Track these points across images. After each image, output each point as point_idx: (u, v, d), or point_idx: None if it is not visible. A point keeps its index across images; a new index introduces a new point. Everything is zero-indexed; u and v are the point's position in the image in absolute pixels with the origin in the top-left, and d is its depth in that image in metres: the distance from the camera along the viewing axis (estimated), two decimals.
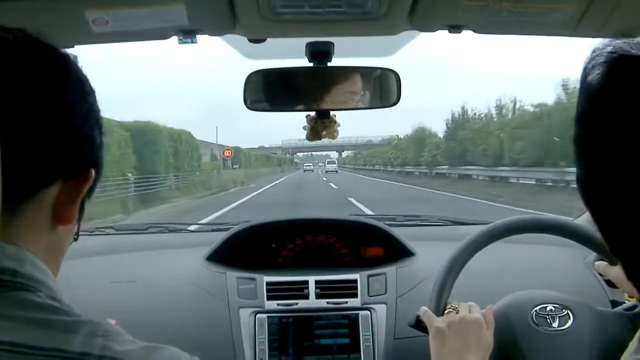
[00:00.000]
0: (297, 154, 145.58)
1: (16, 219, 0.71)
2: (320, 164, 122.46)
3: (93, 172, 0.80)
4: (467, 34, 1.50)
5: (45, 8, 1.28)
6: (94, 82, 0.82)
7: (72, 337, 0.68)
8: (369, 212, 10.69)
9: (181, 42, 1.51)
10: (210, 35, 1.50)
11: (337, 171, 77.05)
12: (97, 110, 0.82)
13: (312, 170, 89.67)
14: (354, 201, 19.85)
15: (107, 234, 2.64)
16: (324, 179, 46.86)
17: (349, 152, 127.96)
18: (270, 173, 65.82)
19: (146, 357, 0.70)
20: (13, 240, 0.72)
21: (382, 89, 1.76)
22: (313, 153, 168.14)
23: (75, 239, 0.86)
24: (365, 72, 1.76)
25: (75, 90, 0.78)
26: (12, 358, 0.65)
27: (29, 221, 0.73)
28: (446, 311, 1.56)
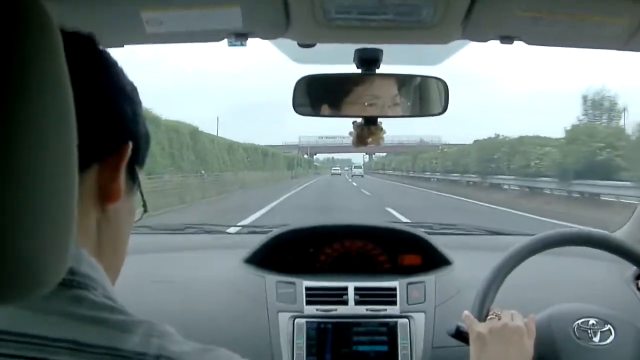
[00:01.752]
0: (316, 155, 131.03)
1: None
2: (347, 168, 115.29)
3: (130, 144, 0.78)
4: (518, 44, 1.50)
5: (101, 7, 1.30)
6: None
7: (129, 337, 0.68)
8: None
9: (231, 44, 1.52)
10: (262, 38, 1.51)
11: (362, 175, 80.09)
12: (125, 84, 0.81)
13: (340, 174, 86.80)
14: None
15: (144, 233, 2.65)
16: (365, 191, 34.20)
17: (380, 154, 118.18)
18: (261, 184, 42.41)
19: (199, 358, 0.71)
20: None
21: (430, 97, 1.76)
22: (334, 156, 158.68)
23: (145, 211, 0.87)
24: (414, 80, 1.76)
25: (98, 67, 0.78)
26: (71, 355, 0.65)
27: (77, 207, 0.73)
28: (488, 317, 1.56)
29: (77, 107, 0.63)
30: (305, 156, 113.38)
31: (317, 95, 1.75)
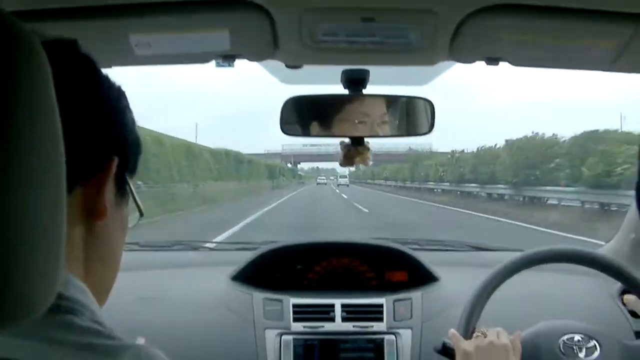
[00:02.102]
0: (300, 164, 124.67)
1: None
2: (332, 178, 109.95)
3: (116, 160, 0.76)
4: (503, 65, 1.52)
5: (90, 29, 1.30)
6: None
7: None
8: None
9: (219, 65, 1.53)
10: (250, 60, 1.52)
11: (348, 185, 79.33)
12: (109, 94, 0.79)
13: (325, 184, 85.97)
14: None
15: (132, 250, 2.65)
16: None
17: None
18: (232, 197, 34.03)
19: None
20: None
21: (417, 117, 1.77)
22: (319, 165, 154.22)
23: (141, 215, 0.87)
24: (400, 101, 1.78)
25: (74, 87, 0.74)
26: None
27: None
28: (474, 335, 1.57)
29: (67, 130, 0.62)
30: (289, 165, 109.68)
31: (305, 115, 1.75)
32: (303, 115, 1.76)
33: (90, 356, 0.67)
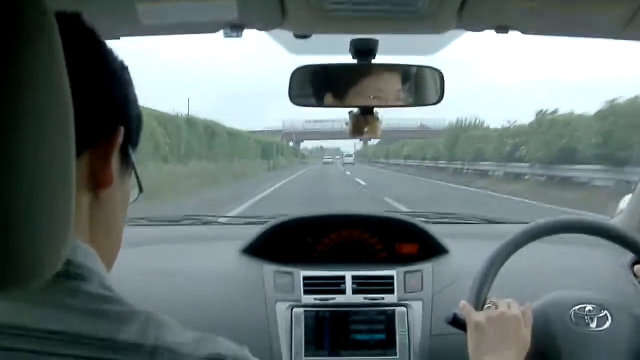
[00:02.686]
0: (303, 142, 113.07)
1: None
2: (338, 157, 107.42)
3: (122, 129, 0.78)
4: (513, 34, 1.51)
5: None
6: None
7: (125, 327, 0.68)
8: None
9: (227, 35, 1.52)
10: (258, 29, 1.51)
11: (353, 163, 77.28)
12: (114, 65, 0.79)
13: (332, 163, 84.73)
14: None
15: (140, 225, 2.66)
16: None
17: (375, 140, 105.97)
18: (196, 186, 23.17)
19: (197, 347, 0.71)
20: None
21: (426, 87, 1.76)
22: (323, 144, 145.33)
23: (141, 190, 0.87)
24: (409, 70, 1.76)
25: (83, 51, 0.75)
26: (68, 347, 0.65)
27: None
28: (485, 306, 1.57)
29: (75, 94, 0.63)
30: (291, 143, 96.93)
31: (313, 85, 1.75)
32: (312, 85, 1.75)
33: (100, 322, 0.67)
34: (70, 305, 0.67)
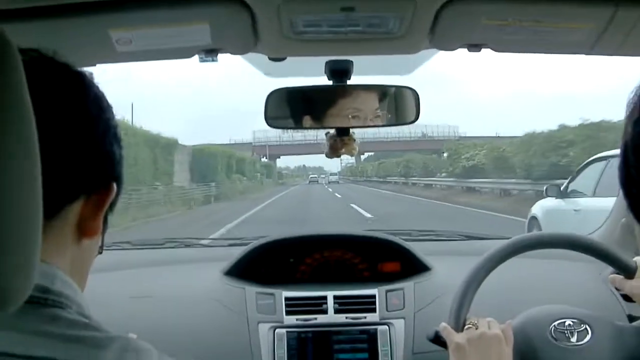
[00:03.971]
0: (279, 158, 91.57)
1: (43, 235, 0.69)
2: (323, 176, 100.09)
3: (115, 185, 0.81)
4: (485, 51, 1.52)
5: (70, 27, 1.30)
6: None
7: (103, 353, 0.69)
8: None
9: (202, 60, 1.53)
10: (232, 54, 1.52)
11: (338, 182, 74.73)
12: (115, 125, 0.83)
13: (317, 182, 79.37)
14: None
15: (124, 249, 2.66)
16: None
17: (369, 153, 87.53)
18: None
19: None
20: (42, 256, 0.69)
21: (401, 106, 1.78)
22: (306, 163, 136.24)
23: (100, 252, 0.88)
24: (385, 90, 1.78)
25: (93, 106, 0.79)
26: None
27: (56, 237, 0.75)
28: (465, 327, 1.57)
29: (69, 141, 0.71)
30: (264, 159, 78.08)
31: (290, 107, 1.76)
32: (288, 107, 1.76)
33: (78, 348, 0.68)
34: (50, 332, 0.68)
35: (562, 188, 9.64)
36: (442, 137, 71.82)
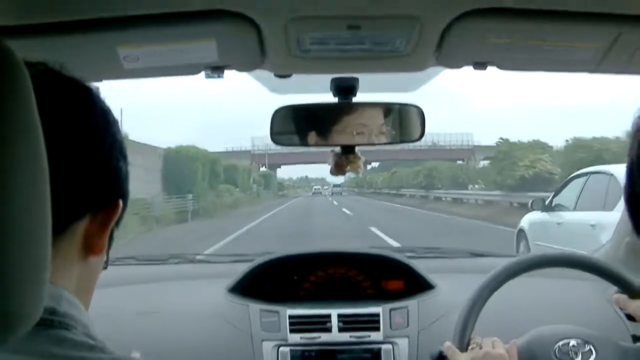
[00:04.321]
0: (280, 167, 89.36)
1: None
2: (326, 187, 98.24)
3: (121, 202, 0.81)
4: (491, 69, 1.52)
5: (78, 44, 1.30)
6: None
7: None
8: None
9: (208, 76, 1.53)
10: (239, 70, 1.52)
11: (341, 193, 73.78)
12: (121, 140, 0.82)
13: (321, 193, 79.56)
14: None
15: (129, 264, 2.65)
16: None
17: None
18: None
19: None
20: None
21: (407, 124, 1.78)
22: (308, 175, 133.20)
23: (105, 268, 0.87)
24: (390, 108, 1.78)
25: (99, 122, 0.79)
26: None
27: (62, 255, 0.74)
28: (470, 347, 1.57)
29: (75, 155, 0.71)
30: (263, 168, 73.96)
31: (295, 124, 1.76)
32: (293, 124, 1.76)
33: None
34: (55, 354, 0.68)
35: (547, 202, 10.04)
36: (456, 146, 70.97)
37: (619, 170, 7.10)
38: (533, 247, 9.66)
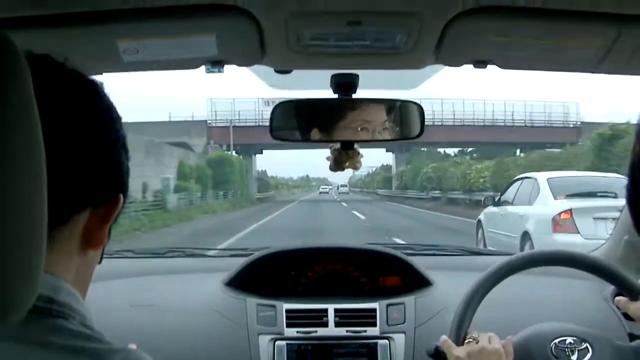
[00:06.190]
0: (262, 152, 59.19)
1: (50, 245, 0.70)
2: (331, 187, 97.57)
3: (122, 197, 0.81)
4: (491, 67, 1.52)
5: (78, 36, 1.30)
6: None
7: None
8: None
9: (208, 71, 1.53)
10: (238, 65, 1.52)
11: (348, 193, 75.98)
12: (124, 136, 0.83)
13: (328, 193, 79.41)
14: None
15: (126, 257, 2.65)
16: None
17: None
18: None
19: None
20: (47, 266, 0.70)
21: (406, 121, 1.77)
22: (309, 173, 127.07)
23: (99, 262, 0.88)
24: (390, 105, 1.77)
25: (105, 117, 0.79)
26: None
27: (62, 246, 0.75)
28: (466, 341, 1.57)
29: (81, 147, 0.72)
30: (233, 153, 45.71)
31: (294, 120, 1.75)
32: (293, 120, 1.76)
33: (80, 359, 0.68)
34: (53, 343, 0.68)
35: (496, 199, 12.78)
36: (558, 122, 49.12)
37: (541, 177, 11.10)
38: (487, 233, 12.47)
